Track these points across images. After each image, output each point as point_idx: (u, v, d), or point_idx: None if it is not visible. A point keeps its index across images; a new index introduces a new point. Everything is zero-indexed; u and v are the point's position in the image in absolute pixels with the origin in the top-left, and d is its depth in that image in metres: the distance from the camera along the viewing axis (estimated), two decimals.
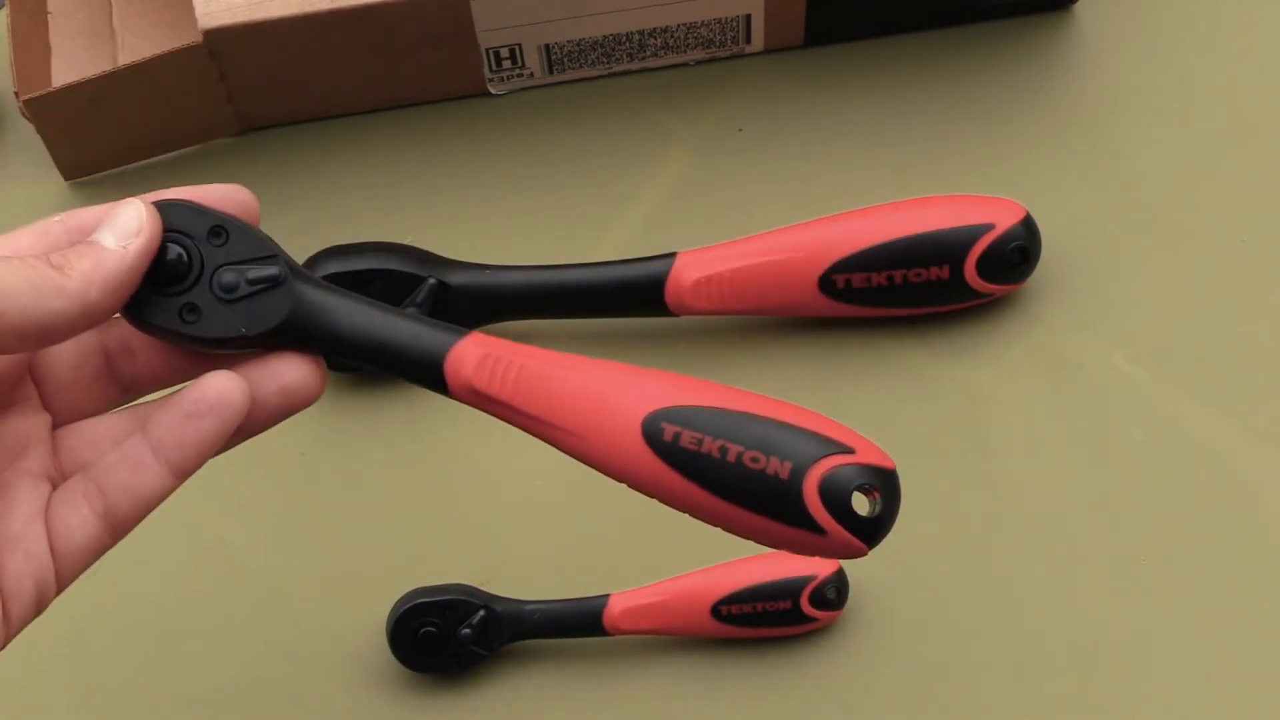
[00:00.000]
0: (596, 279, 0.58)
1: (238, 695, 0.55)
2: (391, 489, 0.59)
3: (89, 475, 0.38)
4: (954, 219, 0.57)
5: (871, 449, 0.38)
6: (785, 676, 0.54)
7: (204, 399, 0.37)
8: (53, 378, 0.39)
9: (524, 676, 0.55)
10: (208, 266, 0.38)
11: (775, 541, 0.38)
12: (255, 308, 0.38)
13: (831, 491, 0.37)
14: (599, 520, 0.57)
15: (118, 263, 0.36)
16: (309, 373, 0.39)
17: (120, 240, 0.36)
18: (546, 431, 0.39)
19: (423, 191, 0.64)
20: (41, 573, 0.37)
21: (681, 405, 0.38)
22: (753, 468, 0.37)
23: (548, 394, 0.39)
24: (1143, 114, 0.64)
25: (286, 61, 0.62)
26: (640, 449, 0.38)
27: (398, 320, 0.39)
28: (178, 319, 0.37)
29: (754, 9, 0.63)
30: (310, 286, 0.38)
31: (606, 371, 0.39)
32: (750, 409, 0.38)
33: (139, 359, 0.40)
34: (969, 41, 0.66)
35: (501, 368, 0.39)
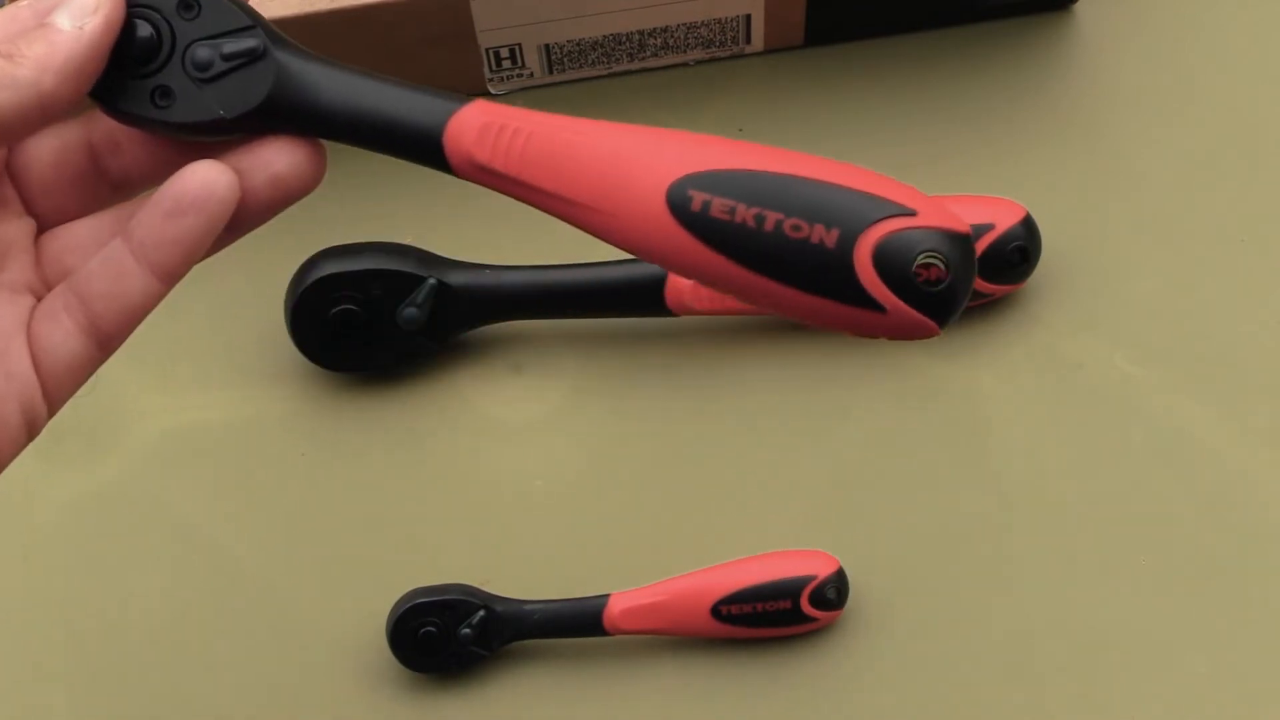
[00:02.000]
0: (596, 279, 0.58)
1: (237, 695, 0.55)
2: (391, 489, 0.59)
3: (70, 285, 0.35)
4: None
5: (938, 209, 0.33)
6: (785, 676, 0.54)
7: (185, 193, 0.34)
8: (34, 178, 0.36)
9: (524, 676, 0.55)
10: (179, 43, 0.34)
11: (831, 323, 0.33)
12: (234, 86, 0.34)
13: (889, 260, 0.32)
14: (599, 520, 0.57)
15: (72, 44, 0.33)
16: (303, 157, 0.36)
17: (76, 20, 0.33)
18: (560, 207, 0.35)
19: (423, 191, 0.64)
20: (27, 394, 0.34)
21: (712, 170, 0.34)
22: (794, 237, 0.33)
23: (559, 164, 0.35)
24: (1143, 114, 0.64)
25: None
26: (665, 222, 0.33)
27: (392, 89, 0.35)
28: (149, 103, 0.34)
29: (754, 9, 0.63)
30: (295, 57, 0.35)
31: (625, 135, 0.34)
32: (794, 170, 0.34)
33: (126, 154, 0.37)
34: (969, 41, 0.66)
35: (507, 137, 0.35)
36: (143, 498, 0.58)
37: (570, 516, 0.58)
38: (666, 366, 0.60)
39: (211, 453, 0.59)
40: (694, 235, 0.33)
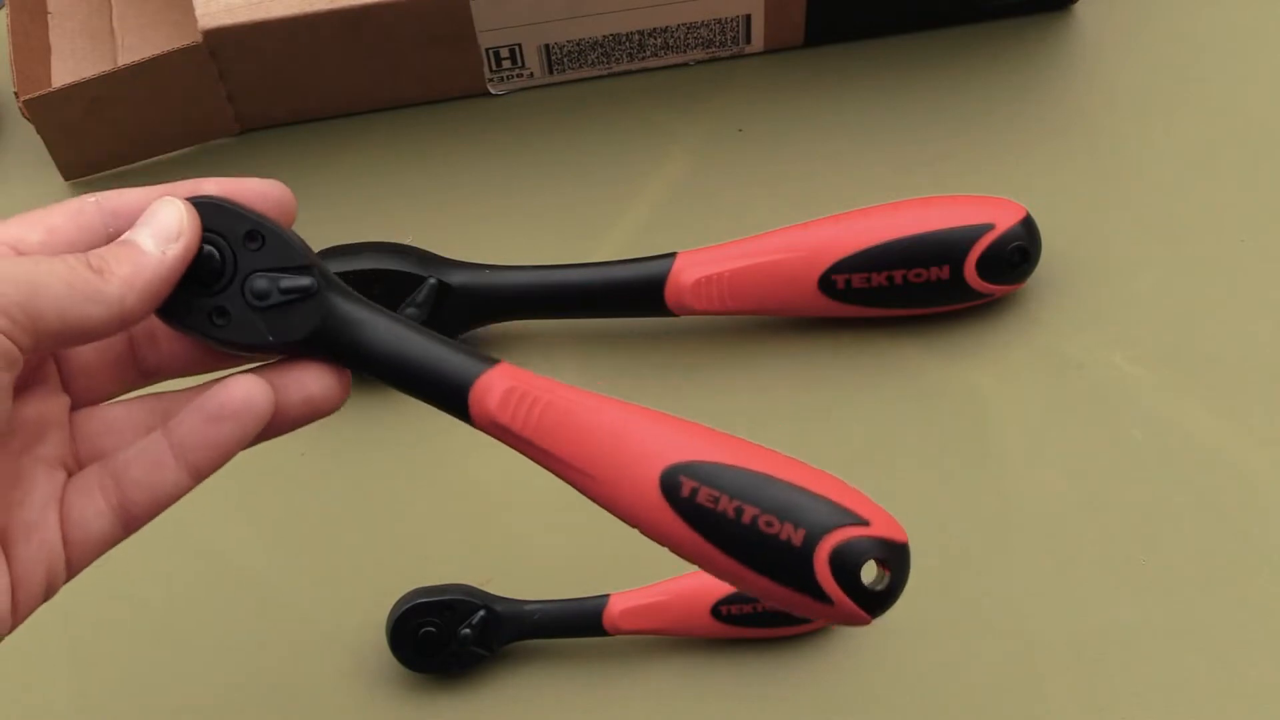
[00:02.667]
0: (596, 279, 0.58)
1: (237, 696, 0.55)
2: (391, 489, 0.59)
3: (106, 467, 0.37)
4: (954, 219, 0.57)
5: (886, 520, 0.38)
6: (785, 676, 0.54)
7: (228, 404, 0.36)
8: (74, 360, 0.39)
9: (524, 676, 0.55)
10: (241, 271, 0.37)
11: (779, 602, 0.38)
12: (285, 317, 0.37)
13: (843, 563, 0.37)
14: (599, 520, 0.57)
15: (156, 268, 0.35)
16: (334, 384, 0.39)
17: (160, 244, 0.36)
18: (565, 471, 0.39)
19: (423, 191, 0.64)
20: (53, 561, 0.37)
21: (702, 460, 0.38)
22: (767, 532, 0.37)
23: (570, 434, 0.38)
24: (1143, 114, 0.64)
25: (286, 61, 0.62)
26: (656, 501, 0.38)
27: (428, 343, 0.39)
28: (207, 321, 0.37)
29: (754, 9, 0.63)
30: (343, 299, 0.38)
31: (630, 416, 0.39)
32: (770, 470, 0.38)
33: (163, 347, 0.39)
34: (969, 41, 0.66)
35: (527, 404, 0.38)
36: None
37: (570, 516, 0.58)
38: (666, 366, 0.60)
39: None
40: (680, 516, 0.38)
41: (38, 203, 0.66)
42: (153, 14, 0.66)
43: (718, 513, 0.38)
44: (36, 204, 0.67)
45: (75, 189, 0.65)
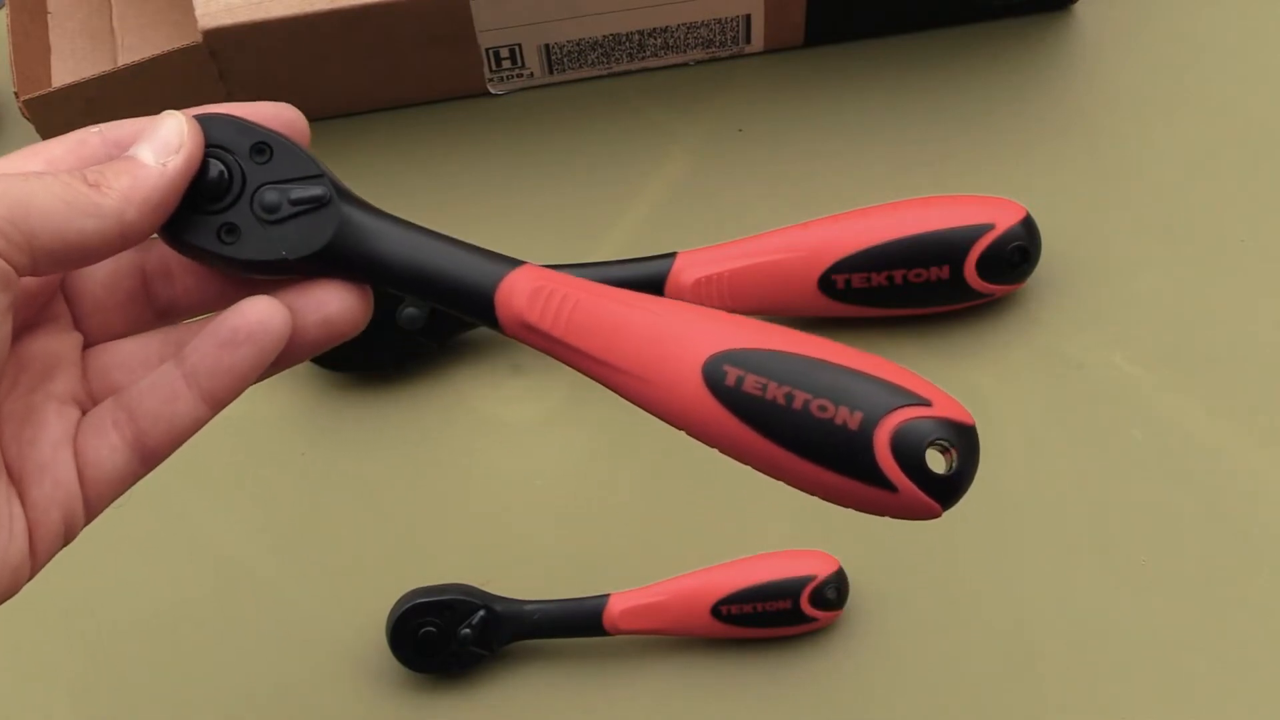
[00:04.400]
0: (597, 279, 0.58)
1: (238, 695, 0.55)
2: (391, 489, 0.59)
3: (120, 401, 0.36)
4: (954, 219, 0.57)
5: (950, 402, 0.35)
6: (785, 676, 0.54)
7: (242, 326, 0.35)
8: (86, 296, 0.37)
9: (524, 676, 0.55)
10: (249, 185, 0.36)
11: (844, 499, 0.35)
12: (298, 229, 0.36)
13: (905, 446, 0.34)
14: (599, 520, 0.57)
15: (157, 180, 0.34)
16: (354, 303, 0.37)
17: (160, 156, 0.34)
18: (600, 371, 0.36)
19: (423, 191, 0.64)
20: (69, 502, 0.35)
21: (746, 348, 0.35)
22: (820, 417, 0.34)
23: (604, 331, 0.36)
24: (1143, 114, 0.64)
25: (286, 61, 0.62)
26: (700, 393, 0.35)
27: (448, 247, 0.37)
28: (215, 239, 0.35)
29: (754, 9, 0.63)
30: (357, 209, 0.36)
31: (668, 310, 0.36)
32: (821, 354, 0.35)
33: (177, 282, 0.38)
34: (969, 41, 0.66)
35: (556, 301, 0.36)
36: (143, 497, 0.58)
37: (570, 516, 0.58)
38: None
39: (211, 452, 0.59)
40: (726, 408, 0.35)
41: None
42: (153, 14, 0.66)
43: (766, 401, 0.35)
44: None
45: None
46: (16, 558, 0.34)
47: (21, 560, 0.34)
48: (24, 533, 0.34)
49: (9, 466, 0.35)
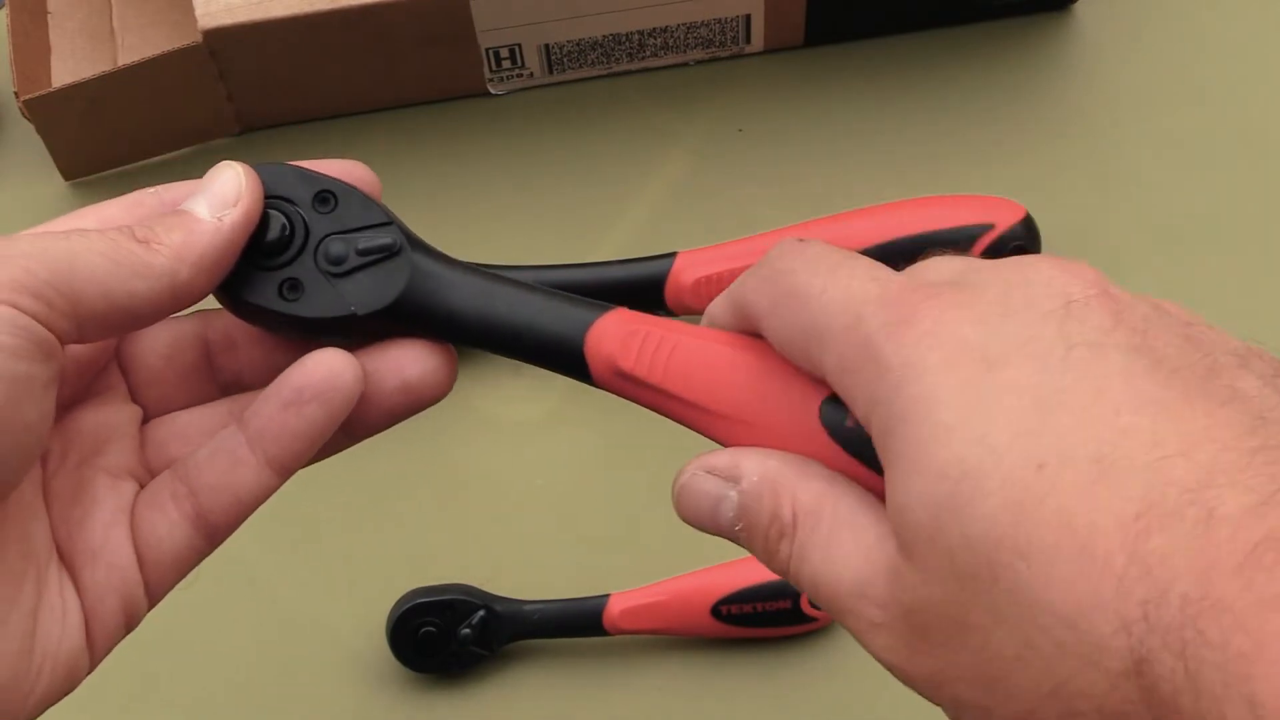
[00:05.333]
0: (596, 279, 0.58)
1: (237, 695, 0.55)
2: (391, 489, 0.58)
3: (178, 473, 0.33)
4: (954, 219, 0.57)
5: None
6: (785, 676, 0.54)
7: (309, 382, 0.32)
8: (143, 367, 0.35)
9: (524, 676, 0.55)
10: (313, 237, 0.33)
11: None
12: (367, 282, 0.33)
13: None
14: (599, 520, 0.57)
15: (212, 237, 0.31)
16: (438, 364, 0.34)
17: (215, 210, 0.32)
18: (704, 419, 0.33)
19: (423, 191, 0.64)
20: (127, 587, 0.33)
21: None
22: None
23: (707, 374, 0.33)
24: (1143, 114, 0.64)
25: (286, 61, 0.62)
26: (818, 436, 0.32)
27: (530, 296, 0.34)
28: (277, 296, 0.33)
29: (754, 9, 0.63)
30: (429, 258, 0.34)
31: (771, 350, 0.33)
32: None
33: (241, 354, 0.35)
34: (969, 41, 0.66)
35: (653, 345, 0.33)
36: None
37: (570, 516, 0.58)
38: None
39: None
40: (848, 451, 0.32)
41: (38, 203, 0.66)
42: (153, 14, 0.66)
43: None
44: (37, 204, 0.68)
45: (75, 189, 0.65)
46: (72, 650, 0.32)
47: (78, 653, 0.32)
48: (79, 624, 0.32)
49: (60, 549, 0.32)
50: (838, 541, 0.30)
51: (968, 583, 0.26)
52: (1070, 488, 0.25)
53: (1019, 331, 0.28)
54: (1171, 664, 0.24)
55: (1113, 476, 0.25)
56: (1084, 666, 0.25)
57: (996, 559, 0.26)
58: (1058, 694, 0.25)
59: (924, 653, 0.28)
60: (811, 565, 0.30)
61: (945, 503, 0.26)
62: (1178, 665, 0.24)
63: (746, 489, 0.31)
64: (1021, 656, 0.26)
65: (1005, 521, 0.26)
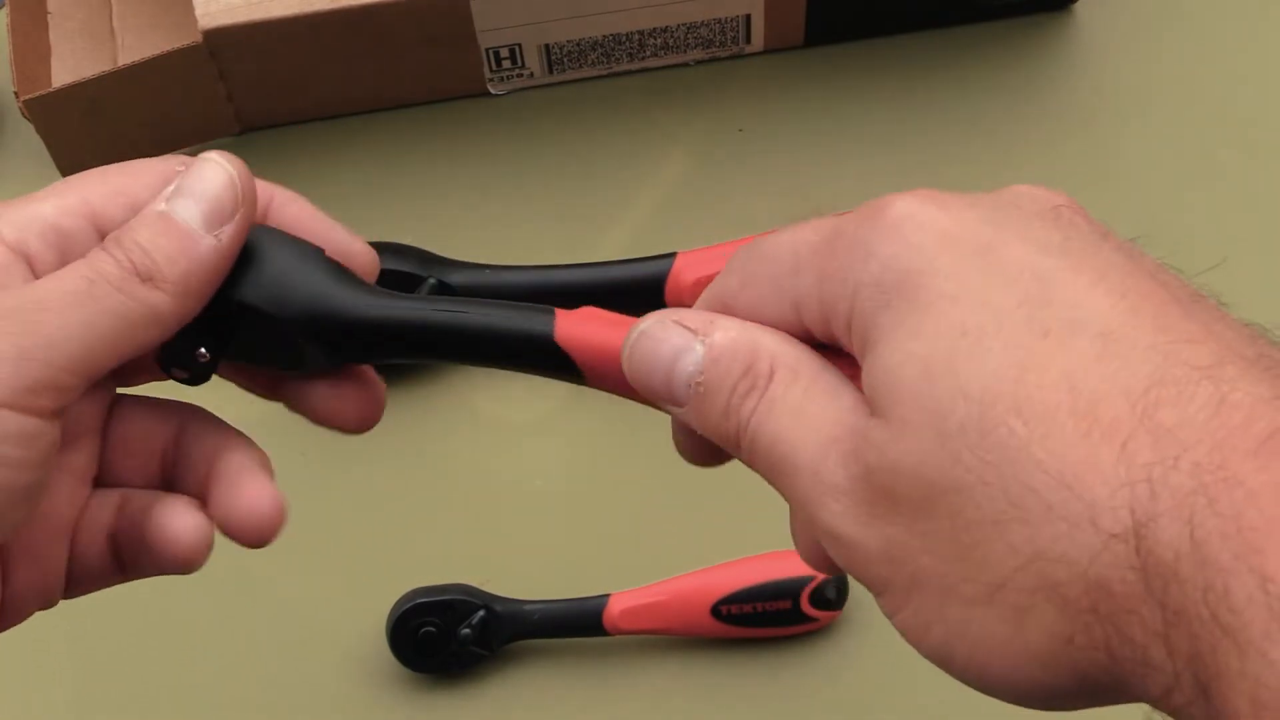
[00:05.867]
0: (596, 279, 0.58)
1: (238, 695, 0.55)
2: (391, 489, 0.58)
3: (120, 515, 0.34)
4: None
5: None
6: (785, 676, 0.54)
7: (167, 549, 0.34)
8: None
9: (524, 676, 0.55)
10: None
11: None
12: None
13: None
14: (599, 520, 0.57)
15: (214, 259, 0.31)
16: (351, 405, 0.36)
17: (213, 222, 0.31)
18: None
19: (423, 191, 0.64)
20: (49, 594, 0.34)
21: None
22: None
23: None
24: (1143, 114, 0.64)
25: (286, 61, 0.62)
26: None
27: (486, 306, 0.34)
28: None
29: (754, 9, 0.63)
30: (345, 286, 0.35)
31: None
32: None
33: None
34: (969, 41, 0.66)
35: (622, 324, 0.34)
36: None
37: (570, 516, 0.58)
38: None
39: None
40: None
41: None
42: (153, 14, 0.66)
43: None
44: None
45: None
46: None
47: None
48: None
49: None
50: (812, 399, 0.29)
51: (952, 440, 0.26)
52: (1076, 355, 0.25)
53: (1012, 222, 0.28)
54: (1175, 530, 0.23)
55: (1121, 350, 0.25)
56: (1072, 530, 0.24)
57: (990, 415, 0.25)
58: (1036, 561, 0.25)
59: (884, 519, 0.27)
60: (777, 423, 0.29)
61: (941, 359, 0.26)
62: (1182, 531, 0.23)
63: (720, 341, 0.30)
64: (1001, 520, 0.25)
65: (1006, 378, 0.25)
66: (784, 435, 0.29)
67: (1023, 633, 0.26)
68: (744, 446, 0.30)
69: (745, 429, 0.29)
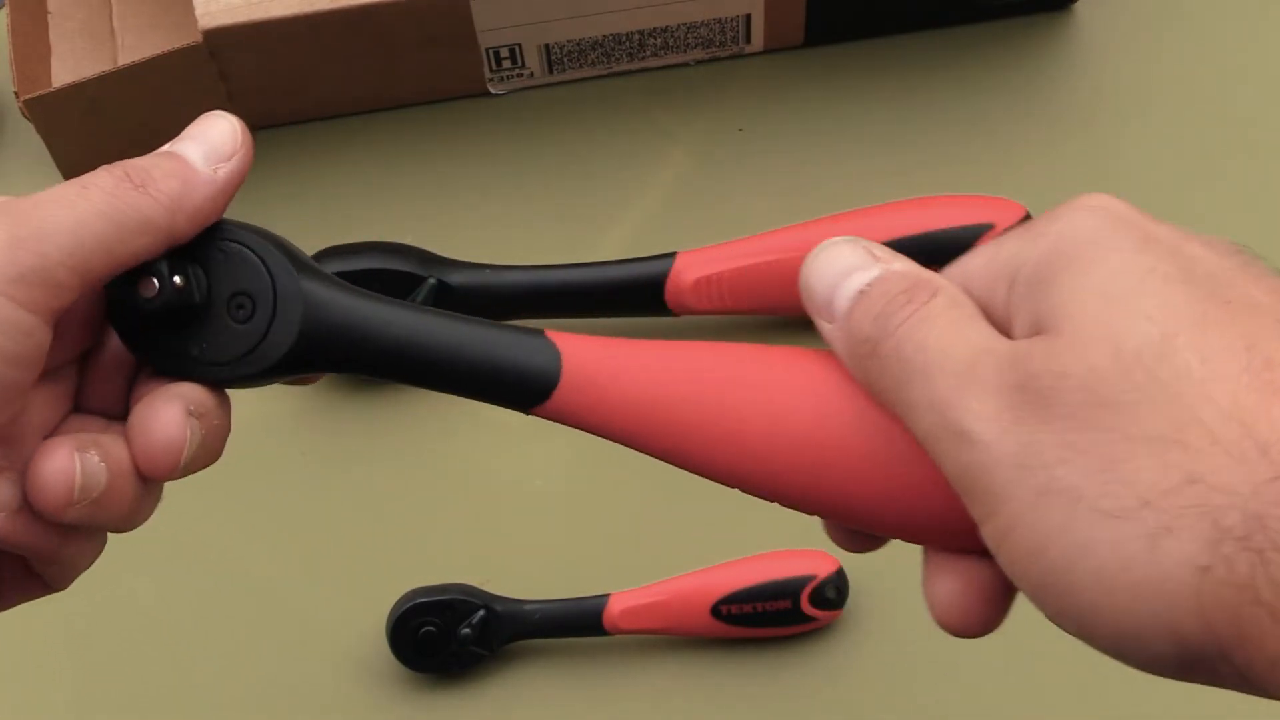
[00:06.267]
0: (596, 279, 0.58)
1: (238, 695, 0.55)
2: (391, 489, 0.58)
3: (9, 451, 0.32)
4: (954, 219, 0.57)
5: None
6: (785, 676, 0.54)
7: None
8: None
9: (524, 676, 0.55)
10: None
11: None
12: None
13: None
14: (599, 520, 0.57)
15: (208, 189, 0.32)
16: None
17: (211, 160, 0.32)
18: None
19: (423, 191, 0.64)
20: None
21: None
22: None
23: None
24: (1143, 114, 0.64)
25: (286, 61, 0.62)
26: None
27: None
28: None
29: (754, 9, 0.63)
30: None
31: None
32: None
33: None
34: (969, 41, 0.66)
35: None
36: None
37: (570, 516, 0.58)
38: None
39: None
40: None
41: None
42: (153, 14, 0.66)
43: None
44: None
45: None
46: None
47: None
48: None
49: None
50: (970, 321, 0.29)
51: (1127, 356, 0.26)
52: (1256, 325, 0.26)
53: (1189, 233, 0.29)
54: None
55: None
56: (1236, 462, 0.25)
57: (1170, 344, 0.26)
58: (1192, 484, 0.25)
59: (1028, 424, 0.27)
60: (929, 330, 0.29)
61: (1125, 289, 0.27)
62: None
63: (899, 267, 0.31)
64: (1162, 440, 0.25)
65: (1188, 319, 0.26)
66: (933, 341, 0.29)
67: (1157, 554, 0.25)
68: (884, 352, 0.30)
69: (893, 334, 0.30)
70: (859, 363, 0.31)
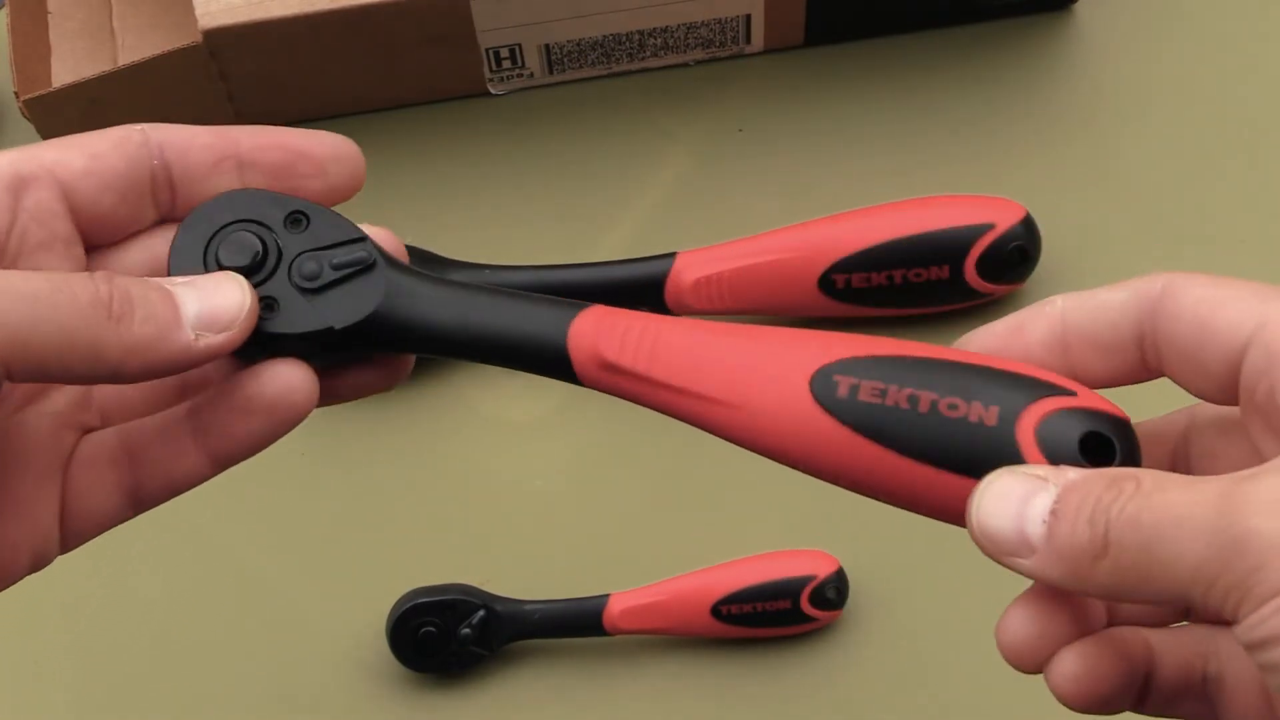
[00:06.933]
0: (596, 279, 0.58)
1: (238, 695, 0.55)
2: (391, 488, 0.59)
3: (123, 438, 0.33)
4: (954, 219, 0.57)
5: (1093, 394, 0.32)
6: (785, 676, 0.54)
7: (262, 395, 0.32)
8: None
9: (524, 676, 0.55)
10: (286, 256, 0.33)
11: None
12: (342, 297, 0.33)
13: (1054, 437, 0.30)
14: (599, 520, 0.57)
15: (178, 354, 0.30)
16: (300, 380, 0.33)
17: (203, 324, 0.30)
18: (693, 406, 0.33)
19: (423, 191, 0.64)
20: (44, 545, 0.32)
21: (855, 356, 0.32)
22: (950, 416, 0.30)
23: (692, 360, 0.33)
24: (1143, 114, 0.64)
25: (286, 61, 0.62)
26: (809, 411, 0.31)
27: (506, 301, 0.34)
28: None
29: (754, 9, 0.63)
30: (403, 273, 0.34)
31: (760, 333, 0.33)
32: (939, 355, 0.32)
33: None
34: (969, 41, 0.66)
35: (635, 335, 0.33)
36: None
37: (570, 516, 0.58)
38: None
39: None
40: (841, 422, 0.31)
41: None
42: (153, 14, 0.66)
43: (886, 408, 0.31)
44: None
45: None
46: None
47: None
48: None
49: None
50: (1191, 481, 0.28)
51: None
52: None
53: None
54: None
55: None
56: None
57: None
58: None
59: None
60: (1157, 503, 0.28)
61: None
62: None
63: (1076, 476, 0.29)
64: None
65: None
66: (1168, 511, 0.27)
67: None
68: (1111, 546, 0.28)
69: (1113, 525, 0.28)
70: (1086, 575, 0.29)
